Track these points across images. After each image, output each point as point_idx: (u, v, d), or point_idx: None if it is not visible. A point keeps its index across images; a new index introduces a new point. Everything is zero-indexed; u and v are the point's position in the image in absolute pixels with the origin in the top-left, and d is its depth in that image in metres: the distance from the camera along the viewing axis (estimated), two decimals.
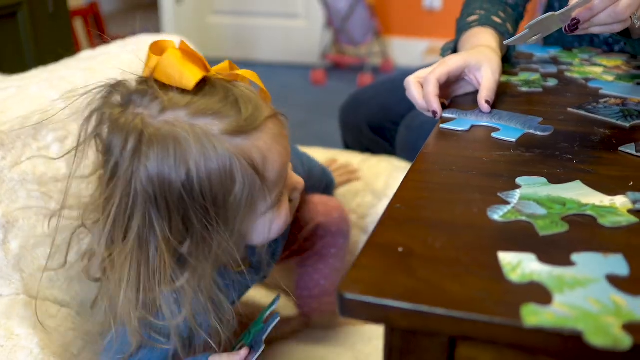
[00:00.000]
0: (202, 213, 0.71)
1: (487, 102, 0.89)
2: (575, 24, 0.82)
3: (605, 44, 1.32)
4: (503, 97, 0.99)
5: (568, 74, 1.12)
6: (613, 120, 0.89)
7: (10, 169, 0.98)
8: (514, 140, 0.81)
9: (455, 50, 1.11)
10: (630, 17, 0.82)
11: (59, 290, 0.96)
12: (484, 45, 1.02)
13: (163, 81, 0.71)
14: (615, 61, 1.20)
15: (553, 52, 1.28)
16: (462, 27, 1.14)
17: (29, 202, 0.97)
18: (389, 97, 1.53)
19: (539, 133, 0.83)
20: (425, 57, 3.64)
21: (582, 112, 0.92)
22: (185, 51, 0.73)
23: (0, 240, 0.90)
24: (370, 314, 0.50)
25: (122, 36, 1.43)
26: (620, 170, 0.74)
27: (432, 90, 0.89)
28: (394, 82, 1.54)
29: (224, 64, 0.77)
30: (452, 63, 0.93)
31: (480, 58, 0.94)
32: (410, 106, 1.34)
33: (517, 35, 0.88)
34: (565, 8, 0.81)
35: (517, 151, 0.78)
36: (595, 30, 0.83)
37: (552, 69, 1.14)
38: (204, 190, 0.70)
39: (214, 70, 0.76)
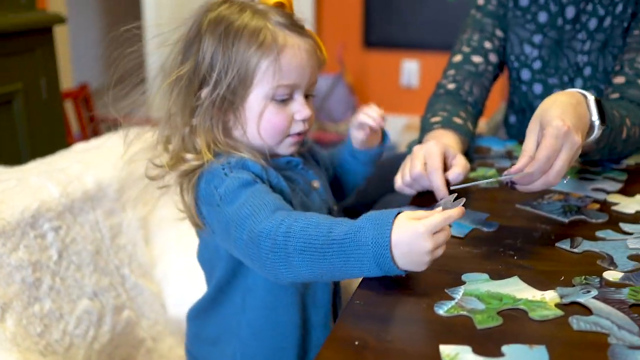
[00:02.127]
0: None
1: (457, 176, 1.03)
2: (513, 185, 0.95)
3: None
4: (461, 193, 1.10)
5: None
6: (554, 216, 1.00)
7: (8, 254, 1.08)
8: (462, 236, 0.92)
9: None
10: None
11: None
12: (450, 144, 1.14)
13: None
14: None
15: (510, 145, 1.40)
16: (425, 127, 1.26)
17: (23, 286, 1.08)
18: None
19: (485, 229, 0.94)
20: (404, 133, 3.80)
21: (528, 209, 1.03)
22: None
23: None
24: None
25: (110, 119, 1.54)
26: (554, 265, 0.84)
27: (437, 163, 1.05)
28: None
29: None
30: (436, 147, 1.07)
31: (456, 148, 1.08)
32: (385, 190, 1.46)
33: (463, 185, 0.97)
34: (507, 176, 0.93)
35: (465, 247, 0.89)
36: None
37: (506, 164, 1.26)
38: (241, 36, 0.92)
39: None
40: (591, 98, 1.02)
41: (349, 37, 4.06)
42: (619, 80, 1.26)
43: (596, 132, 1.03)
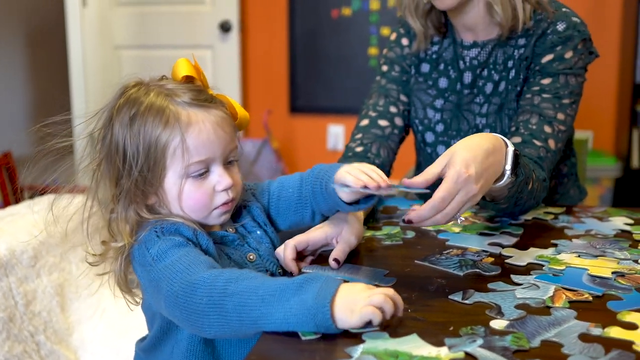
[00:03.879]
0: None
1: (335, 260, 1.06)
2: (409, 221, 1.01)
3: None
4: (364, 251, 1.16)
5: (423, 227, 1.31)
6: (450, 271, 1.06)
7: None
8: None
9: None
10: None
11: None
12: None
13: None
14: (465, 213, 1.40)
15: (415, 205, 1.47)
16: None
17: None
18: None
19: (383, 284, 0.99)
20: None
21: (426, 264, 1.10)
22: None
23: None
24: None
25: (35, 187, 1.54)
26: (445, 317, 0.90)
27: (289, 254, 1.07)
28: None
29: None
30: (313, 235, 1.11)
31: (340, 224, 1.12)
32: None
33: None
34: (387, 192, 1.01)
35: None
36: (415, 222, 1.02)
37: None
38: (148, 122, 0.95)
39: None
40: (511, 149, 1.10)
41: (275, 103, 4.16)
42: (516, 140, 1.35)
43: (505, 180, 1.10)
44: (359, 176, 1.00)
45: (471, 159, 1.01)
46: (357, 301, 0.81)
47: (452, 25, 1.50)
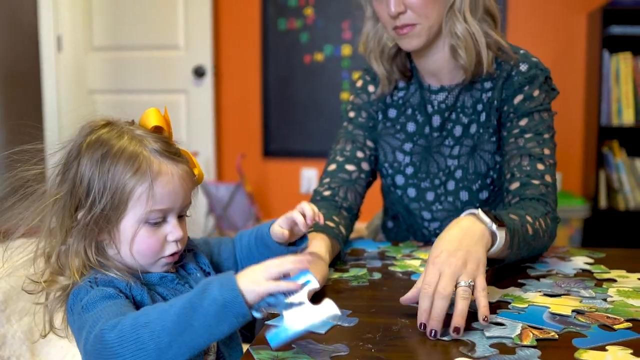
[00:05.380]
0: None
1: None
2: (431, 332, 0.98)
3: (434, 236, 1.55)
4: (331, 292, 1.17)
5: (391, 268, 1.32)
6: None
7: None
8: (324, 332, 0.97)
9: None
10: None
11: None
12: (313, 251, 1.21)
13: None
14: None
15: (382, 247, 1.49)
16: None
17: None
18: None
19: (345, 324, 1.00)
20: None
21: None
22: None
23: None
24: None
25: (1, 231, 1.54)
26: (408, 357, 0.91)
27: None
28: None
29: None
30: None
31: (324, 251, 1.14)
32: None
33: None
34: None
35: (327, 344, 0.94)
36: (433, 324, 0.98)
37: (378, 264, 1.35)
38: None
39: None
40: (479, 211, 1.13)
41: (249, 147, 4.19)
42: (515, 185, 1.38)
43: (500, 236, 1.13)
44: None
45: (444, 242, 1.06)
46: (257, 274, 0.87)
47: (417, 70, 1.54)
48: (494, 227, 1.12)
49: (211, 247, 1.21)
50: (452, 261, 1.02)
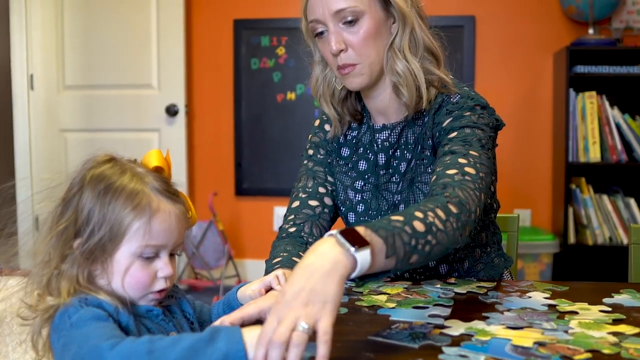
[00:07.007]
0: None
1: None
2: None
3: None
4: None
5: (358, 303, 1.33)
6: (405, 344, 1.08)
7: None
8: None
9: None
10: None
11: None
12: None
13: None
14: (397, 289, 1.43)
15: (349, 283, 1.49)
16: (268, 269, 1.34)
17: None
18: None
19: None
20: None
21: (379, 339, 1.10)
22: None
23: None
24: None
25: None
26: None
27: None
28: None
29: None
30: (247, 310, 1.11)
31: (274, 299, 1.13)
32: None
33: None
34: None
35: None
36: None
37: (344, 299, 1.35)
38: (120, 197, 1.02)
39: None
40: (337, 233, 1.03)
41: (221, 186, 4.20)
42: (432, 179, 1.32)
43: (362, 259, 1.02)
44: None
45: (284, 287, 0.97)
46: None
47: (367, 109, 1.57)
48: (352, 250, 1.01)
49: (194, 304, 1.25)
50: (293, 305, 0.93)
